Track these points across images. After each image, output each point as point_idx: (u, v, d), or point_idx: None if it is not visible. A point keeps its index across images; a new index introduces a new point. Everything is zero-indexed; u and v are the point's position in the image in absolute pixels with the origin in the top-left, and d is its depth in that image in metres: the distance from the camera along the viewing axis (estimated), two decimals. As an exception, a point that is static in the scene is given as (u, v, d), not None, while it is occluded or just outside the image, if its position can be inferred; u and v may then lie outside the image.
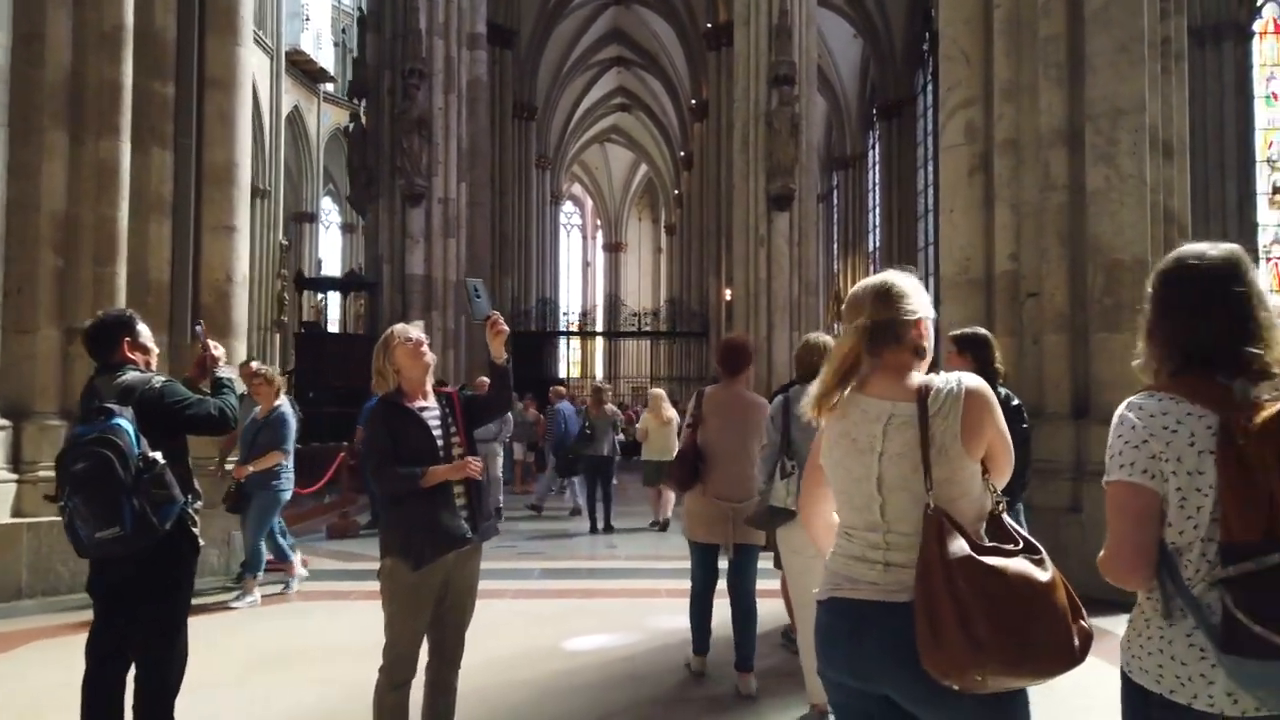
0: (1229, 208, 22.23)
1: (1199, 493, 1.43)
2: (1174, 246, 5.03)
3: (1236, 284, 1.51)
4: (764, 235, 17.72)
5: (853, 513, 1.75)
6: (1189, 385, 1.49)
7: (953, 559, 1.56)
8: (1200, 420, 1.45)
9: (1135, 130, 5.63)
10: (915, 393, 1.69)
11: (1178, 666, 1.46)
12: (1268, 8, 22.95)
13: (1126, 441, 1.50)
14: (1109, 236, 5.67)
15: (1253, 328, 1.48)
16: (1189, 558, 1.45)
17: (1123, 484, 1.49)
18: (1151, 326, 1.58)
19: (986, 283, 6.28)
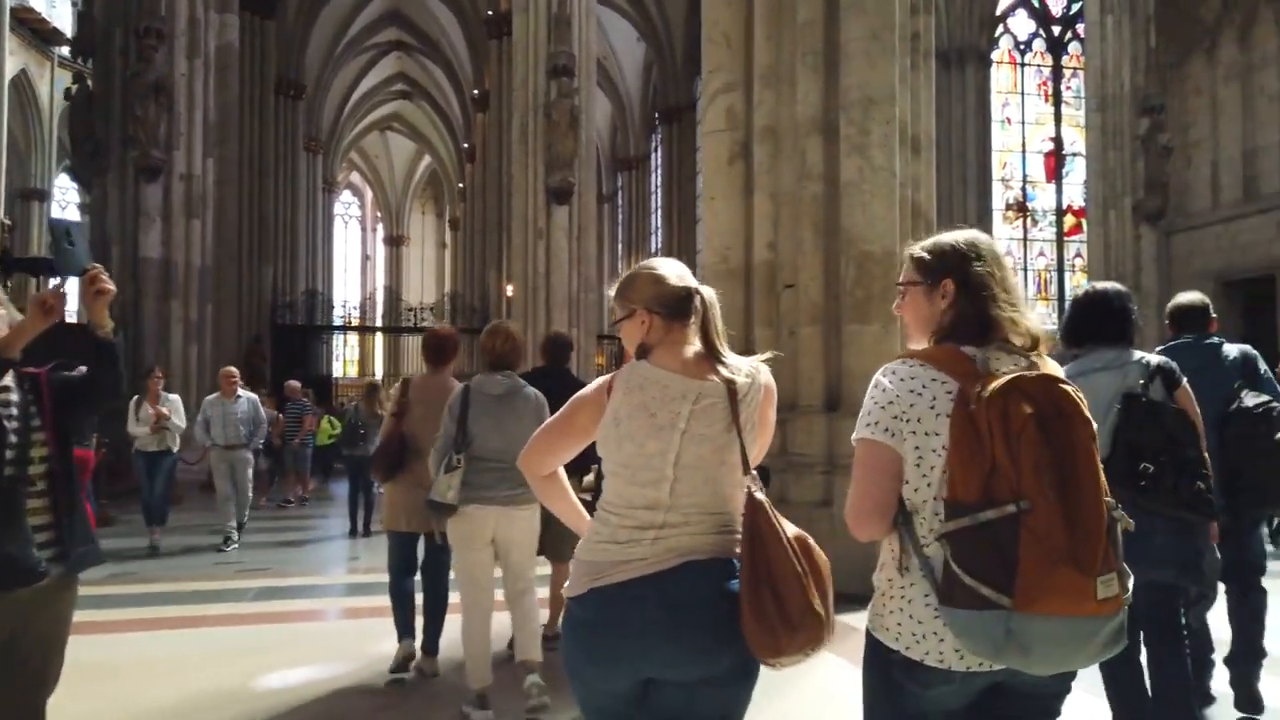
0: (970, 220, 24.12)
1: (934, 453, 1.52)
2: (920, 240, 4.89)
3: (981, 263, 1.62)
4: (543, 229, 17.29)
5: (634, 489, 1.72)
6: (940, 355, 1.58)
7: (792, 537, 1.62)
8: (943, 386, 1.54)
9: (886, 122, 5.62)
10: (718, 373, 1.73)
11: (914, 624, 1.52)
12: (1004, 38, 25.24)
13: (876, 402, 1.59)
14: (861, 228, 5.63)
15: (996, 304, 1.60)
16: (923, 515, 1.53)
17: (866, 441, 1.58)
18: (915, 303, 1.68)
19: (746, 272, 6.12)
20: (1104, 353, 2.95)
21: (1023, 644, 1.39)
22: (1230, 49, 21.90)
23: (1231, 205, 21.62)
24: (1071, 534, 1.39)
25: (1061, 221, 25.38)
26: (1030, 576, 1.37)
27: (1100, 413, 2.71)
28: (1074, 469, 1.43)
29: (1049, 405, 1.45)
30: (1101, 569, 1.41)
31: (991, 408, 1.44)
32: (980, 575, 1.40)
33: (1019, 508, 1.39)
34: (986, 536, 1.41)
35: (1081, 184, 22.41)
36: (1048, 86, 25.68)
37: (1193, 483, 2.70)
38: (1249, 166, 21.42)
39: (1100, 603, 1.40)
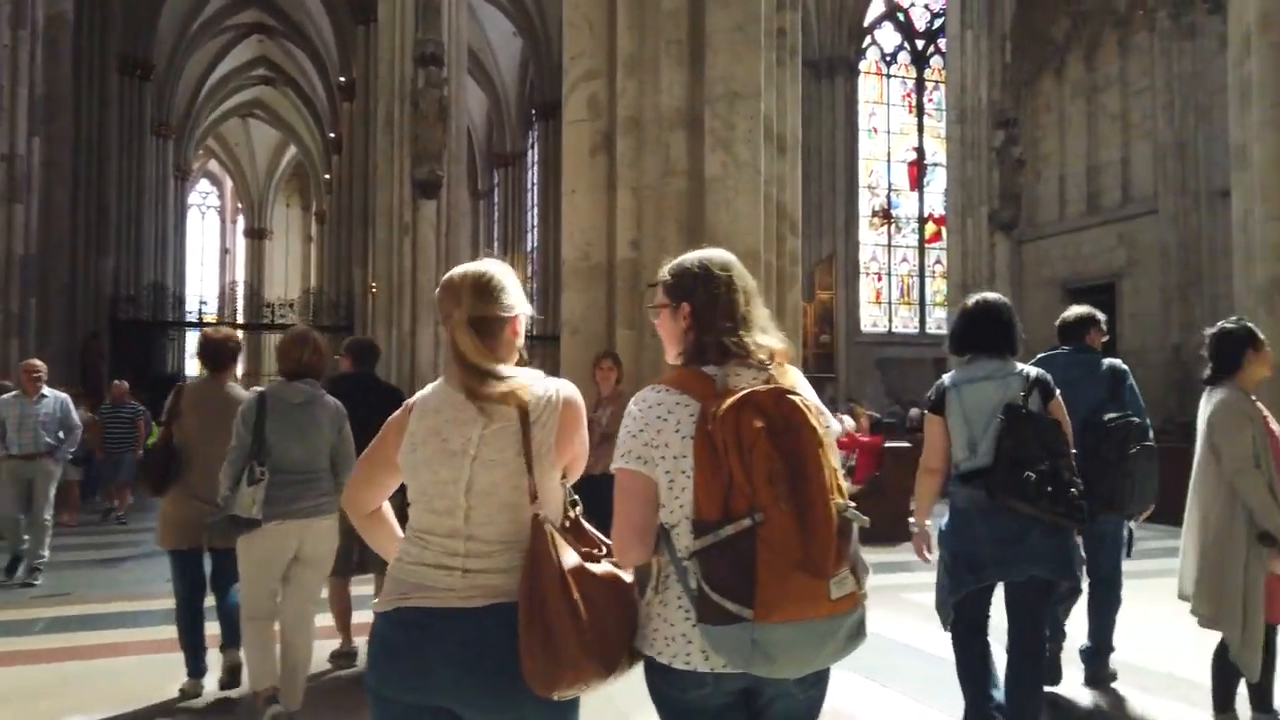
0: (838, 226, 24.88)
1: (683, 475, 1.56)
2: (785, 242, 4.69)
3: (722, 283, 1.67)
4: (409, 223, 16.61)
5: (432, 517, 1.68)
6: (683, 378, 1.63)
7: (568, 569, 1.58)
8: (686, 409, 1.58)
9: (752, 117, 5.46)
10: (515, 397, 1.67)
11: (668, 628, 1.57)
12: (872, 50, 25.99)
13: (628, 431, 1.63)
14: (725, 226, 5.45)
15: (737, 321, 1.64)
16: (678, 532, 1.57)
17: (622, 470, 1.61)
18: (688, 319, 1.69)
19: (608, 270, 5.84)
20: (988, 363, 3.08)
21: (767, 653, 1.44)
22: (1078, 68, 23.22)
23: (1076, 217, 22.92)
24: (803, 540, 1.44)
25: (923, 229, 26.35)
26: (768, 586, 1.42)
27: (983, 421, 2.97)
28: (804, 477, 1.48)
29: (779, 418, 1.51)
30: (834, 570, 1.46)
31: (725, 424, 1.49)
32: (724, 590, 1.45)
33: (754, 520, 1.44)
34: (728, 552, 1.45)
35: (942, 193, 23.30)
36: (911, 98, 26.61)
37: (1068, 490, 2.88)
38: (1092, 181, 22.75)
39: (835, 602, 1.46)
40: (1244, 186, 8.17)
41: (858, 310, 25.19)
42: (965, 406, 3.03)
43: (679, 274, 1.73)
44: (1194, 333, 19.74)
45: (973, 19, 19.27)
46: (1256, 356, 3.09)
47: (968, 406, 3.03)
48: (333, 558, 3.66)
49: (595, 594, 1.59)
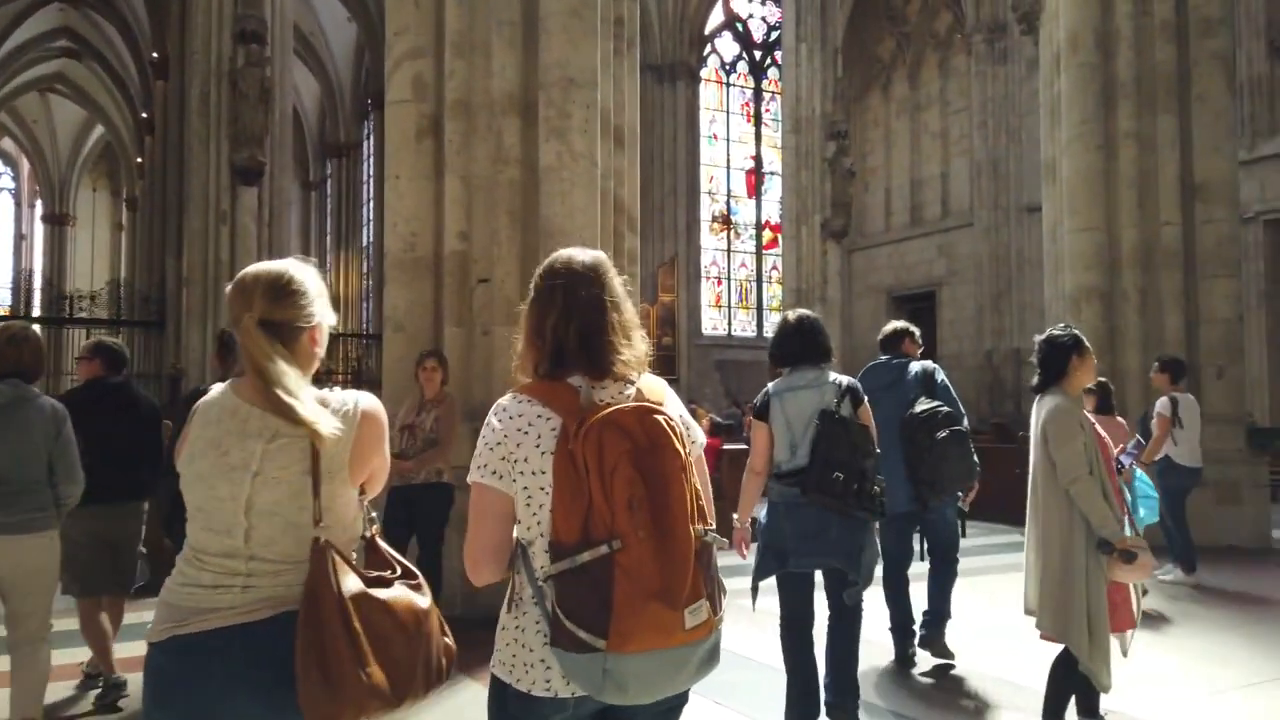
0: (679, 229, 25.15)
1: (542, 491, 1.49)
2: (624, 239, 4.45)
3: (595, 288, 1.57)
4: (227, 211, 15.42)
5: (209, 535, 1.56)
6: (546, 389, 1.54)
7: (348, 596, 1.49)
8: (548, 423, 1.50)
9: (587, 106, 5.22)
10: (304, 409, 1.54)
11: (526, 654, 1.50)
12: (712, 58, 26.43)
13: (486, 443, 1.55)
14: (560, 219, 5.19)
15: (607, 332, 1.55)
16: (534, 551, 1.50)
17: (477, 484, 1.55)
18: (528, 328, 1.61)
19: (435, 264, 5.46)
20: (807, 372, 3.35)
21: (619, 682, 1.40)
22: (902, 86, 24.45)
23: (900, 229, 24.12)
24: (661, 569, 1.39)
25: (760, 235, 27.04)
26: (623, 617, 1.37)
27: (802, 425, 3.25)
28: (665, 503, 1.42)
29: (644, 437, 1.43)
30: (689, 599, 1.42)
31: (588, 444, 1.41)
32: (578, 619, 1.39)
33: (612, 548, 1.38)
34: (584, 579, 1.39)
35: (778, 201, 23.97)
36: (750, 107, 27.27)
37: (869, 487, 3.19)
38: (915, 195, 24.01)
39: (689, 631, 1.42)
40: (1054, 200, 8.67)
41: (699, 313, 25.54)
42: (787, 413, 3.31)
43: (548, 273, 1.63)
44: (1004, 339, 21.21)
45: (807, 33, 19.90)
46: (1081, 363, 3.10)
47: (789, 413, 3.30)
48: (46, 579, 3.21)
49: (380, 621, 1.51)
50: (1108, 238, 7.93)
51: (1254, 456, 7.62)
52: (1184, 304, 7.75)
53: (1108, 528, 2.87)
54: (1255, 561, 6.87)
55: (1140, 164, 7.81)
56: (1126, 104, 7.82)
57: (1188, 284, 7.77)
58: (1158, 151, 7.77)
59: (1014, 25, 21.06)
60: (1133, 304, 7.84)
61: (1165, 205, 7.78)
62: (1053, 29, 8.57)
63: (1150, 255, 7.82)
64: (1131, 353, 7.85)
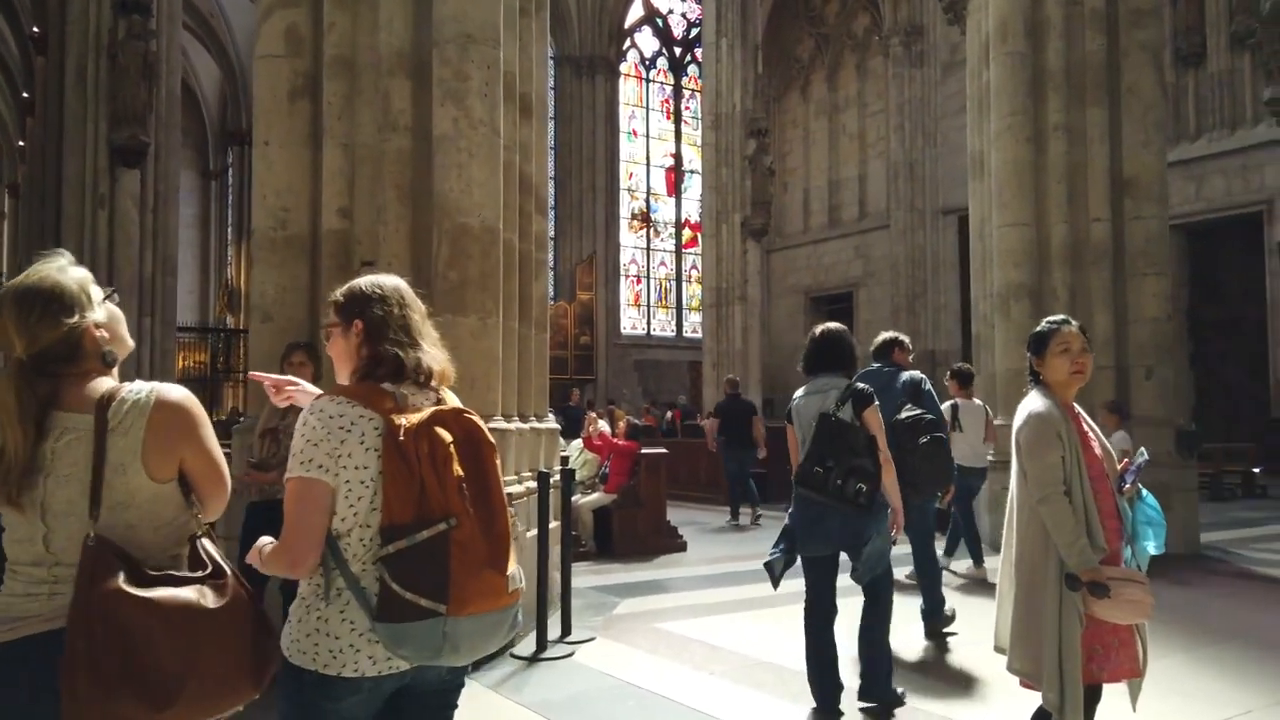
0: (598, 226, 24.60)
1: (362, 484, 1.65)
2: (530, 221, 3.72)
3: (403, 309, 1.79)
4: (105, 195, 14.20)
5: (18, 547, 1.59)
6: (363, 392, 1.70)
7: (99, 594, 1.50)
8: (370, 422, 1.66)
9: (488, 67, 4.60)
10: (96, 403, 1.59)
11: (331, 641, 1.62)
12: (632, 53, 25.96)
13: (308, 440, 1.66)
14: (457, 195, 4.55)
15: (411, 342, 1.76)
16: (348, 541, 1.66)
17: (304, 479, 1.64)
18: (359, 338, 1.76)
19: (312, 244, 4.75)
20: (824, 380, 3.68)
21: (454, 643, 1.61)
22: (821, 88, 24.40)
23: (819, 230, 24.08)
24: (489, 542, 1.63)
25: (680, 234, 26.68)
26: (461, 584, 1.59)
27: (808, 426, 3.58)
28: (487, 486, 1.68)
29: (464, 434, 1.69)
30: (510, 567, 1.66)
31: (419, 438, 1.63)
32: (419, 589, 1.58)
33: (449, 524, 1.60)
34: (423, 553, 1.59)
35: (698, 200, 23.63)
36: (670, 104, 26.89)
37: (857, 483, 3.40)
38: (833, 196, 23.98)
39: (511, 594, 1.66)
40: (980, 195, 8.40)
41: (618, 312, 25.04)
42: (800, 417, 3.67)
43: (350, 295, 1.80)
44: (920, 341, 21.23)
45: (727, 28, 19.56)
46: (1055, 356, 2.63)
47: (801, 417, 3.66)
48: None
49: (136, 621, 1.49)
50: (1037, 234, 7.67)
51: (1183, 460, 7.45)
52: (1113, 302, 7.54)
53: (1073, 554, 2.37)
54: (1187, 568, 6.66)
55: (1070, 157, 7.57)
56: (1056, 96, 7.57)
57: (1117, 282, 7.56)
58: (1088, 145, 7.55)
59: (930, 29, 21.23)
60: (1062, 302, 7.59)
61: (1095, 201, 7.56)
62: (981, 18, 8.31)
63: (1080, 252, 7.59)
64: (1061, 352, 7.60)
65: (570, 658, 4.42)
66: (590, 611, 5.34)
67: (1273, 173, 15.81)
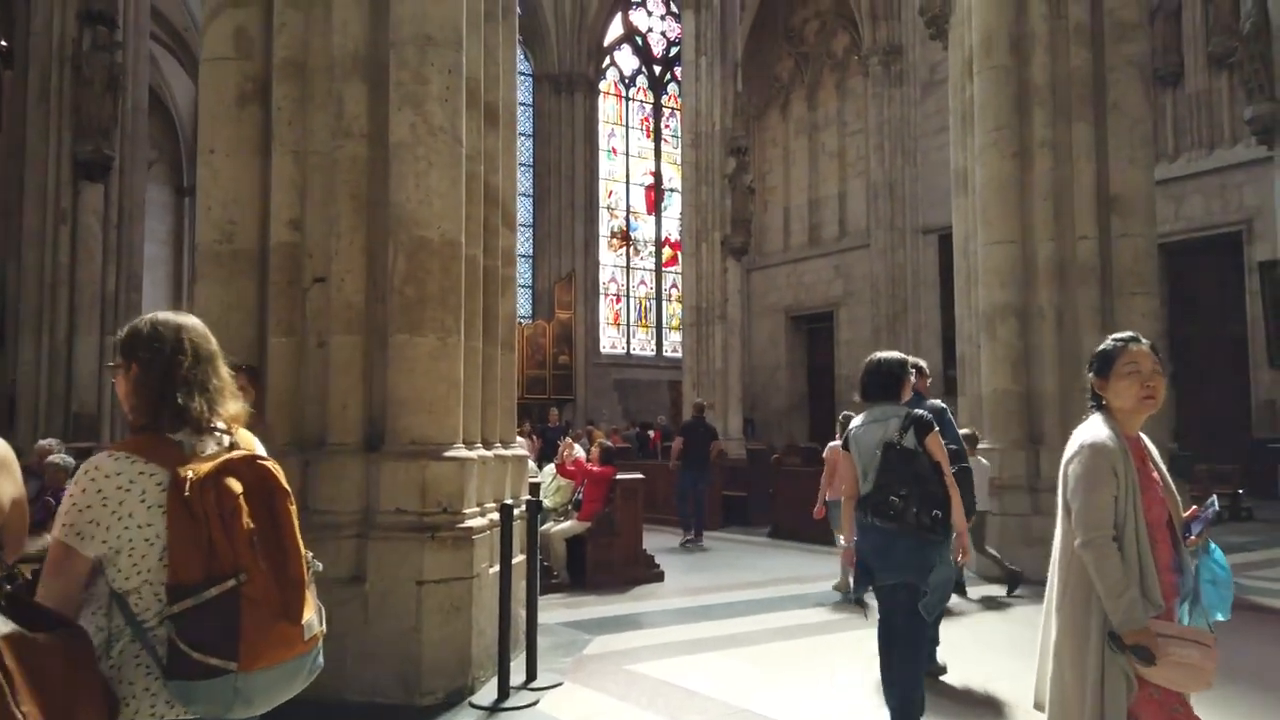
0: (577, 245, 24.35)
1: (146, 543, 1.60)
2: (496, 235, 3.40)
3: (177, 345, 1.69)
4: (67, 210, 13.78)
5: None
6: (146, 443, 1.64)
7: None
8: (152, 478, 1.61)
9: (449, 71, 4.32)
10: None
11: (125, 687, 1.59)
12: (611, 70, 25.83)
13: (74, 503, 1.61)
14: (414, 206, 4.26)
15: (197, 386, 1.68)
16: (138, 597, 1.60)
17: (62, 544, 1.60)
18: (134, 382, 1.68)
19: (260, 259, 4.44)
20: (881, 408, 3.71)
21: (247, 697, 1.58)
22: (800, 106, 24.35)
23: (799, 248, 23.95)
24: (283, 592, 1.59)
25: (660, 252, 26.47)
26: (252, 639, 1.55)
27: (870, 455, 3.59)
28: (280, 536, 1.62)
29: (256, 482, 1.64)
30: (305, 615, 1.63)
31: (205, 491, 1.56)
32: (207, 648, 1.53)
33: (238, 580, 1.55)
34: (211, 611, 1.54)
35: (678, 218, 23.46)
36: (649, 123, 26.75)
37: (930, 510, 3.46)
38: (814, 215, 23.88)
39: (306, 642, 1.63)
40: (964, 212, 8.21)
41: (597, 330, 24.75)
42: (859, 445, 3.67)
43: (129, 334, 1.74)
44: (900, 359, 21.13)
45: (706, 46, 19.44)
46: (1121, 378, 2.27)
47: (861, 445, 3.66)
48: None
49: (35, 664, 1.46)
50: (1023, 251, 7.47)
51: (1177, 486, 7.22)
52: (1101, 322, 7.32)
53: (1118, 609, 2.06)
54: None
55: (1056, 174, 7.38)
56: (1042, 110, 7.39)
57: (1104, 301, 7.36)
58: (1074, 161, 7.37)
59: (909, 49, 21.22)
60: (1049, 322, 7.39)
61: (1081, 218, 7.37)
62: (963, 32, 8.14)
63: (1066, 270, 7.39)
64: (1048, 374, 7.39)
65: (534, 706, 4.09)
66: (559, 651, 5.01)
67: (1251, 192, 15.80)
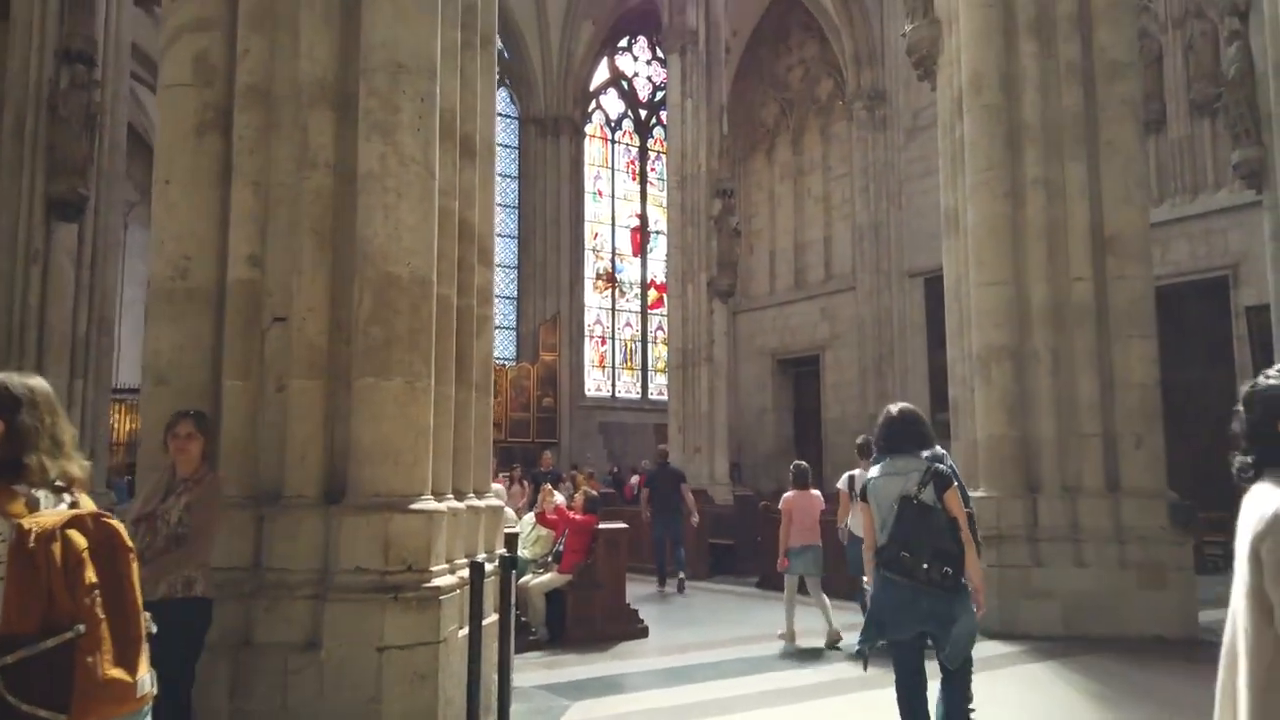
0: (562, 286, 24.17)
1: None
2: (472, 273, 3.12)
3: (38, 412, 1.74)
4: (40, 250, 13.43)
5: None
6: None
7: None
8: None
9: (422, 99, 4.09)
10: None
11: None
12: (597, 114, 25.90)
13: None
14: (383, 240, 4.00)
15: (43, 445, 1.72)
16: None
17: None
18: None
19: (217, 297, 4.16)
20: (901, 460, 3.71)
21: None
22: (785, 150, 24.43)
23: (785, 291, 23.85)
24: (119, 647, 1.62)
25: (646, 294, 26.32)
26: (86, 691, 1.56)
27: (887, 508, 3.61)
28: (122, 593, 1.66)
29: (102, 539, 1.68)
30: (142, 671, 1.68)
31: (49, 543, 1.58)
32: (36, 699, 1.53)
33: (76, 633, 1.57)
34: (45, 663, 1.55)
35: (664, 260, 23.35)
36: (635, 166, 26.77)
37: (942, 566, 3.47)
38: (799, 258, 23.83)
39: (139, 699, 1.66)
40: (956, 253, 8.03)
41: (582, 373, 24.47)
42: (878, 497, 3.68)
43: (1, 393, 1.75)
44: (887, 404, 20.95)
45: (692, 89, 19.49)
46: None
47: (879, 497, 3.67)
48: None
49: None
50: (1017, 292, 7.28)
51: (1178, 536, 6.97)
52: (1098, 366, 7.13)
53: None
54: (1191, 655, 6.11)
55: (1049, 213, 7.23)
56: (1033, 149, 7.26)
57: (1101, 345, 7.16)
58: (1067, 200, 7.22)
59: (893, 95, 21.34)
60: (1045, 365, 7.18)
61: (1076, 259, 7.20)
62: (952, 72, 8.03)
63: (1061, 312, 7.20)
64: (1045, 419, 7.15)
65: (506, 783, 3.75)
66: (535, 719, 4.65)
67: (1236, 237, 15.81)
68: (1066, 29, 7.33)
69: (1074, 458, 7.13)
